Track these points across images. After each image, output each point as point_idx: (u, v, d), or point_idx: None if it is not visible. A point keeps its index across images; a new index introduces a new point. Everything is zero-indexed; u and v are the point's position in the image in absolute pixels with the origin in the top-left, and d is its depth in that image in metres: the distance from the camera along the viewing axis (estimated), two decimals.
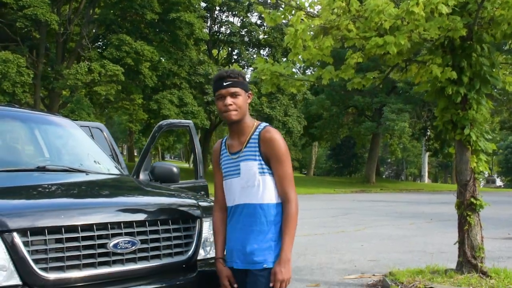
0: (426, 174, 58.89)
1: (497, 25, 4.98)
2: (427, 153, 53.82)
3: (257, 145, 2.62)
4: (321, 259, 8.00)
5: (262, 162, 2.61)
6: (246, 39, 36.64)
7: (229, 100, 2.58)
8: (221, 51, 40.49)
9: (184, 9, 28.89)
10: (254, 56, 37.13)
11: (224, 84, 2.59)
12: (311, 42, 5.03)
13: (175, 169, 4.22)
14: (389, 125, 33.95)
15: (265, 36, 36.47)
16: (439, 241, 10.14)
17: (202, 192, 4.81)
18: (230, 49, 38.78)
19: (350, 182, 43.28)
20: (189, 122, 5.12)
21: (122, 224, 2.63)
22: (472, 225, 5.62)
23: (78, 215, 2.55)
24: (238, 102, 2.59)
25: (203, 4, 33.83)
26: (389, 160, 73.94)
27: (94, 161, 4.02)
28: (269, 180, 2.60)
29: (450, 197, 28.69)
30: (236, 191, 2.64)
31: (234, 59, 38.71)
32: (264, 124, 2.69)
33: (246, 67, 39.31)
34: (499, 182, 72.53)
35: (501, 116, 37.57)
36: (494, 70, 5.67)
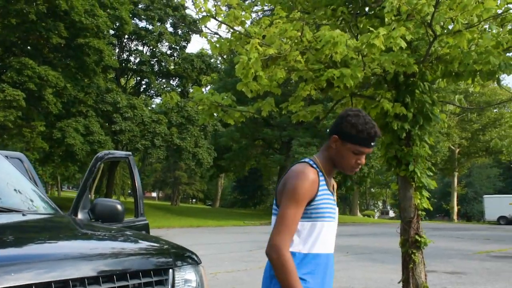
0: None
1: (444, 63, 5.03)
2: None
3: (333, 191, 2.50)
4: None
5: None
6: (156, 68, 36.01)
7: (364, 160, 2.37)
8: (129, 80, 39.42)
9: (92, 35, 27.79)
10: (164, 86, 36.53)
11: (372, 144, 2.34)
12: (262, 72, 4.77)
13: (119, 207, 3.70)
14: (298, 158, 34.60)
15: (176, 67, 36.08)
16: (362, 276, 10.16)
17: (144, 232, 4.30)
18: (139, 78, 37.86)
19: (258, 214, 43.35)
20: (129, 153, 4.61)
21: (86, 281, 2.12)
22: (416, 263, 5.55)
23: (31, 271, 2.01)
24: None
25: (111, 32, 32.83)
26: None
27: (25, 198, 3.41)
28: None
29: (356, 229, 29.65)
30: (330, 237, 2.38)
31: (143, 88, 37.84)
32: None
33: (155, 97, 38.58)
34: (392, 214, 76.55)
35: None
36: (434, 107, 5.74)
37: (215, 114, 6.25)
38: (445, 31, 4.97)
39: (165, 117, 31.86)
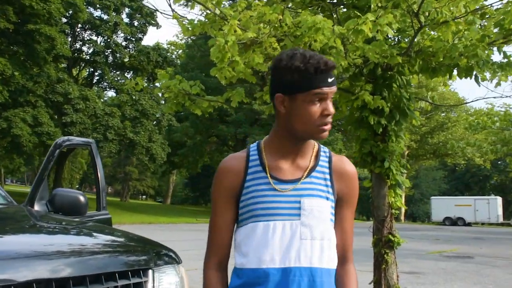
0: None
1: (426, 55, 4.85)
2: None
3: (329, 177, 1.69)
4: None
5: (334, 205, 1.69)
6: (110, 60, 34.94)
7: (331, 108, 1.60)
8: (81, 71, 38.09)
9: (43, 22, 26.60)
10: (118, 78, 35.53)
11: (329, 80, 1.56)
12: (239, 57, 4.45)
13: (82, 198, 3.30)
14: None
15: (131, 59, 35.13)
16: None
17: None
18: (92, 69, 36.64)
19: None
20: (91, 141, 4.19)
21: (53, 283, 1.75)
22: (389, 264, 5.37)
23: None
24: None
25: (64, 19, 31.57)
26: None
27: None
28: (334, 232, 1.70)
29: None
30: (284, 244, 1.58)
31: (96, 80, 36.67)
32: (325, 147, 1.78)
33: (108, 89, 37.53)
34: None
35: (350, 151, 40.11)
36: (410, 103, 5.58)
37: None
38: (429, 21, 4.79)
39: (119, 110, 30.99)
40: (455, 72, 5.32)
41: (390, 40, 5.04)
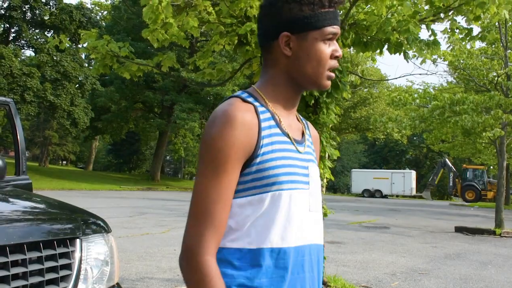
0: None
1: (360, 29, 4.89)
2: None
3: (311, 143, 1.48)
4: (137, 267, 7.17)
5: None
6: (29, 16, 32.92)
7: (341, 51, 1.37)
8: None
9: None
10: (38, 37, 33.59)
11: (338, 18, 1.37)
12: (173, 19, 4.26)
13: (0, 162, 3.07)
14: (179, 124, 33.99)
15: (52, 17, 33.26)
16: None
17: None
18: (7, 25, 34.37)
19: (135, 179, 42.22)
20: (9, 100, 3.89)
21: None
22: None
23: None
24: None
25: None
26: (168, 158, 74.57)
27: None
28: None
29: None
30: (300, 218, 1.31)
31: (13, 37, 34.48)
32: None
33: (26, 48, 35.51)
34: None
35: None
36: (342, 76, 5.64)
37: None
38: None
39: (38, 70, 29.40)
40: (385, 47, 5.43)
41: None
